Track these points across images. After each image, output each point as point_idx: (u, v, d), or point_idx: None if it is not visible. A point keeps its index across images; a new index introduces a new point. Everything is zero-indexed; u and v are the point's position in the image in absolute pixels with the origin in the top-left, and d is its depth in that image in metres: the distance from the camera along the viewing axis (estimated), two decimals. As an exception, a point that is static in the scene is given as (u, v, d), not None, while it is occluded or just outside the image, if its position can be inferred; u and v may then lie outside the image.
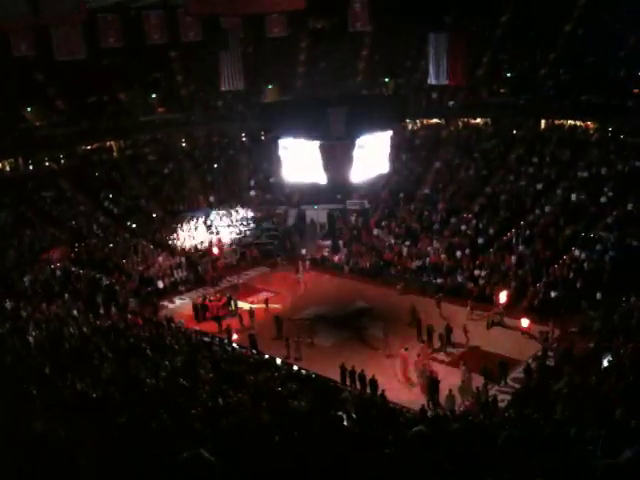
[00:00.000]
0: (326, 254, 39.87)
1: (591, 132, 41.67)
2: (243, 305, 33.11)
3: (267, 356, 25.73)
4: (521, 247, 34.44)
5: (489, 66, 44.94)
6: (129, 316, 28.98)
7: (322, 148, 28.81)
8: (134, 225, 41.47)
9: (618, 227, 32.61)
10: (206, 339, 27.11)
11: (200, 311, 32.26)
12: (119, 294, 32.71)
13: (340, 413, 15.40)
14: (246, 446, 8.43)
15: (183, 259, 38.35)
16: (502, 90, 45.05)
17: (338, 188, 36.75)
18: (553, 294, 30.26)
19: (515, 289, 31.53)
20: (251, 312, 31.23)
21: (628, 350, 21.83)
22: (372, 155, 30.59)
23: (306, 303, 33.50)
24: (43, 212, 40.14)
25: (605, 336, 24.64)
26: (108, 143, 48.23)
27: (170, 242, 40.02)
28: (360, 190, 41.80)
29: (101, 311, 29.84)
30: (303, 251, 40.21)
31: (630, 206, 33.56)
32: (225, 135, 51.31)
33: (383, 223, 41.29)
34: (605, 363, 21.49)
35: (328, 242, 40.97)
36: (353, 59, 50.21)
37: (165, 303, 34.27)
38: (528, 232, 35.28)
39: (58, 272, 33.90)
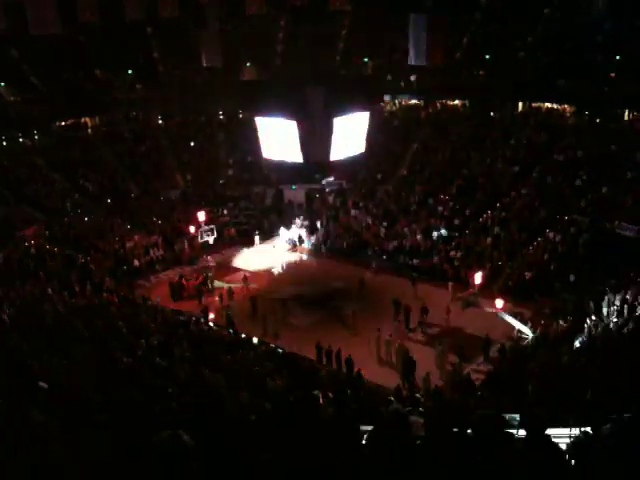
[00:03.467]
0: (303, 234, 39.87)
1: (568, 116, 41.98)
2: (220, 284, 33.12)
3: (244, 335, 25.77)
4: (496, 229, 34.76)
5: (468, 48, 44.89)
6: (105, 295, 28.79)
7: (300, 127, 28.65)
8: (109, 203, 41.08)
9: (592, 210, 33.03)
10: (182, 318, 27.04)
11: (177, 290, 32.19)
12: (94, 273, 32.45)
13: (316, 392, 15.50)
14: (223, 425, 8.46)
15: (159, 238, 38.12)
16: (480, 72, 45.07)
17: (316, 168, 36.67)
18: (527, 275, 30.64)
19: (490, 270, 31.87)
20: (229, 291, 31.22)
21: (600, 331, 22.24)
22: (350, 135, 30.51)
23: (283, 283, 33.58)
24: (17, 190, 39.51)
25: (577, 317, 25.05)
26: (83, 120, 47.53)
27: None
28: (338, 170, 41.75)
29: (76, 290, 29.57)
30: (281, 231, 40.19)
31: (604, 190, 33.97)
32: (202, 113, 50.82)
33: (361, 204, 41.35)
34: (577, 344, 21.88)
35: (305, 222, 40.97)
36: (332, 39, 49.83)
37: (141, 282, 34.10)
38: (504, 214, 35.60)
39: (32, 250, 33.50)
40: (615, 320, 22.78)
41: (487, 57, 45.12)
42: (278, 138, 30.87)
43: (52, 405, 8.64)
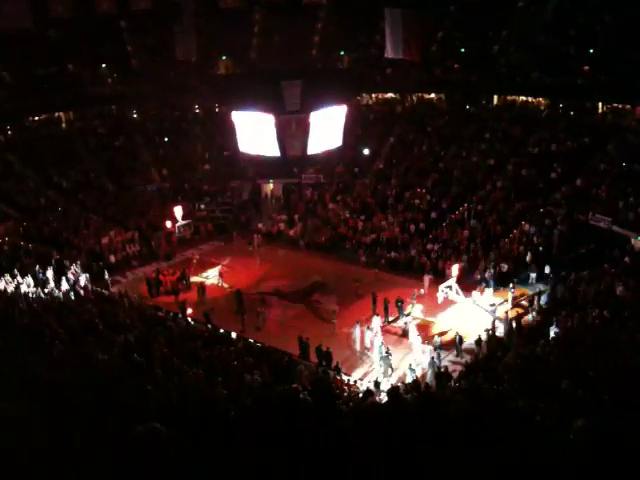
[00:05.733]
0: (281, 228, 39.84)
1: (542, 109, 42.38)
2: (197, 280, 32.99)
3: (222, 331, 25.69)
4: (473, 221, 35.03)
5: (443, 42, 45.07)
6: (80, 292, 28.49)
7: (277, 121, 28.65)
8: (84, 199, 40.64)
9: (567, 202, 33.42)
10: (160, 314, 26.87)
11: (154, 286, 31.96)
12: (69, 269, 32.07)
13: (295, 385, 15.53)
14: (202, 421, 8.45)
15: (135, 234, 37.81)
16: (455, 66, 45.30)
17: (293, 162, 36.71)
18: (504, 267, 30.93)
19: (467, 263, 32.12)
20: (202, 287, 31.08)
21: (575, 322, 22.57)
22: (327, 129, 30.58)
23: (262, 277, 33.53)
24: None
25: (552, 308, 25.38)
26: (56, 115, 46.93)
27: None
28: (315, 164, 41.81)
29: (51, 287, 29.20)
30: (259, 225, 40.11)
31: (578, 182, 34.39)
32: (178, 108, 50.43)
33: (338, 197, 41.40)
34: (552, 334, 22.17)
35: (283, 216, 40.93)
36: (308, 32, 49.71)
37: (117, 278, 33.82)
38: (480, 207, 35.88)
39: (6, 247, 33.01)
40: (590, 310, 23.13)
41: (462, 51, 45.36)
42: (255, 132, 30.86)
43: (33, 401, 8.57)
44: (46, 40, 43.19)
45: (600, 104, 39.85)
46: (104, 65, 47.77)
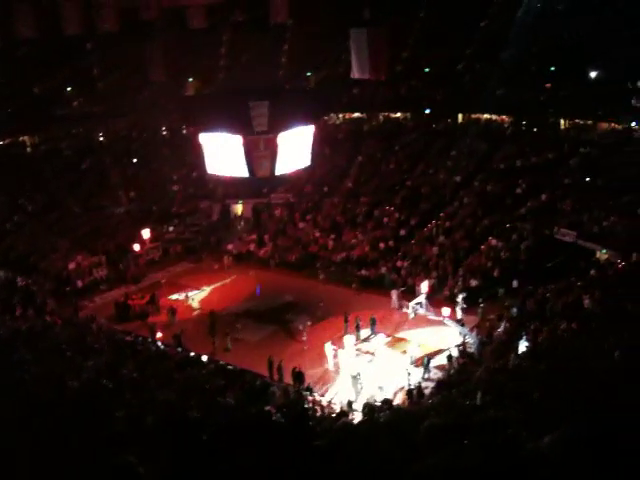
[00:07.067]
0: (251, 249, 39.71)
1: (506, 126, 43.07)
2: (170, 298, 32.74)
3: (192, 353, 25.45)
4: (441, 238, 35.33)
5: (408, 61, 45.60)
6: (47, 317, 28.03)
7: (245, 142, 28.61)
8: (51, 222, 40.04)
9: (533, 217, 33.89)
10: (129, 338, 26.54)
11: (122, 310, 31.56)
12: (36, 294, 31.53)
13: (268, 408, 15.42)
14: (174, 445, 8.35)
15: (103, 257, 37.32)
16: (420, 85, 45.85)
17: (262, 182, 36.70)
18: (473, 283, 31.20)
19: (436, 279, 32.34)
20: (172, 310, 30.77)
21: (544, 335, 22.81)
22: (295, 149, 30.60)
23: (232, 298, 33.34)
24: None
25: (521, 322, 25.62)
26: (20, 138, 46.27)
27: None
28: (284, 184, 41.89)
29: (18, 313, 28.68)
30: (229, 246, 39.92)
31: (544, 197, 34.94)
32: (145, 129, 50.12)
33: (308, 217, 41.47)
34: (522, 348, 22.37)
35: (253, 236, 40.83)
36: (275, 52, 49.94)
37: (85, 303, 33.32)
38: (448, 223, 36.22)
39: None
40: (558, 323, 23.40)
41: (426, 70, 45.97)
42: (223, 154, 30.71)
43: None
44: (11, 61, 42.64)
45: (562, 120, 40.62)
46: (69, 88, 47.29)
